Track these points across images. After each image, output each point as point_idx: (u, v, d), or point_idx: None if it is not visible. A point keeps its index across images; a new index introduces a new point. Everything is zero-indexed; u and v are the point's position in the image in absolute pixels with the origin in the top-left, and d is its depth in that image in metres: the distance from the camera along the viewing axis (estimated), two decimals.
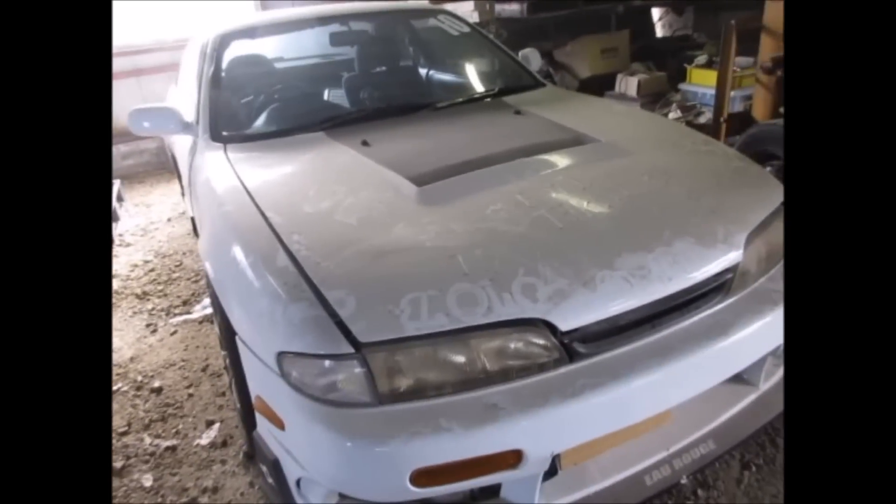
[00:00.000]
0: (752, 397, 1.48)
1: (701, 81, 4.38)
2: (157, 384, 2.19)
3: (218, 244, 1.53)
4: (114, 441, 1.90)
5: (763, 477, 1.52)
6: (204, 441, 1.86)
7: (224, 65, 2.34)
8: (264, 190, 1.60)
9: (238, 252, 1.39)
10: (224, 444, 1.84)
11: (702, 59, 4.46)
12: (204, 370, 2.25)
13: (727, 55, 3.23)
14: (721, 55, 3.30)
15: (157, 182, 5.03)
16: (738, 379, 1.47)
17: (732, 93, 3.48)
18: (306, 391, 1.15)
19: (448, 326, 1.12)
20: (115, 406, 2.08)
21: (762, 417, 1.47)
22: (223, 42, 2.39)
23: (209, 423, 1.94)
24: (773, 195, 1.54)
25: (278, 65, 2.83)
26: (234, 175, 1.72)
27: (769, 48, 3.04)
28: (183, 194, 3.56)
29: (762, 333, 1.33)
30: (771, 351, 1.40)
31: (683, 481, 1.35)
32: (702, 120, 4.05)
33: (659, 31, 6.42)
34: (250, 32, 2.56)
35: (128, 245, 3.65)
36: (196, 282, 3.06)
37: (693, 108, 4.28)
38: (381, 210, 1.45)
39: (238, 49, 2.45)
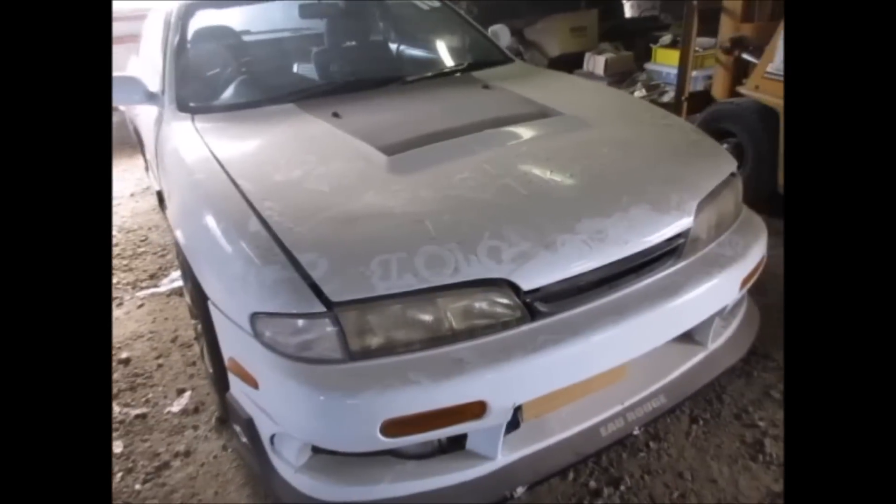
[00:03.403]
0: (700, 356, 1.59)
1: (665, 61, 4.49)
2: (124, 355, 2.19)
3: (189, 212, 1.55)
4: None
5: (709, 430, 1.63)
6: (175, 408, 1.89)
7: (190, 35, 2.31)
8: (235, 159, 1.61)
9: (210, 219, 1.41)
10: (196, 410, 1.87)
11: (666, 39, 4.56)
12: (174, 341, 2.25)
13: (688, 36, 3.33)
14: (683, 35, 3.40)
15: (119, 158, 4.90)
16: (688, 338, 1.57)
17: (694, 72, 3.59)
18: (280, 350, 1.20)
19: (416, 286, 1.18)
20: None
21: (710, 374, 1.58)
22: (188, 11, 2.35)
23: (180, 392, 1.96)
24: (724, 166, 1.64)
25: (246, 37, 2.80)
26: (203, 145, 1.73)
27: (728, 29, 3.14)
28: (147, 169, 3.50)
29: (711, 295, 1.43)
30: (718, 311, 1.51)
31: (636, 433, 1.44)
32: (665, 98, 4.16)
33: (628, 12, 6.51)
34: (216, 2, 2.53)
35: None
36: (163, 256, 3.03)
37: (657, 86, 4.39)
38: (352, 178, 1.48)
39: (204, 19, 2.42)
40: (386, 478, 1.29)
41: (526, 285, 1.23)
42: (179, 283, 2.61)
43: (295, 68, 2.58)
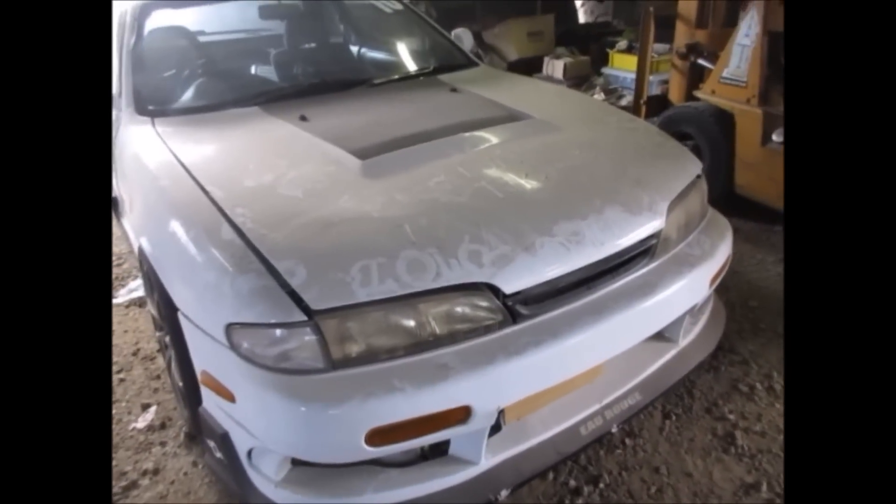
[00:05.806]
0: (672, 353, 1.63)
1: (622, 66, 4.61)
2: None
3: (154, 219, 1.49)
4: None
5: (682, 424, 1.68)
6: (140, 424, 1.81)
7: (146, 35, 2.22)
8: (201, 164, 1.56)
9: (178, 227, 1.36)
10: (163, 426, 1.79)
11: (622, 44, 4.68)
12: (135, 354, 2.16)
13: (646, 41, 3.42)
14: (640, 41, 3.49)
15: None
16: (660, 336, 1.61)
17: (650, 77, 3.70)
18: (258, 361, 1.16)
19: (399, 292, 1.16)
20: None
21: (681, 370, 1.63)
22: (144, 11, 2.27)
23: (145, 407, 1.88)
24: (690, 168, 1.69)
25: (202, 38, 2.71)
26: (166, 149, 1.66)
27: (683, 35, 3.25)
28: None
29: (682, 293, 1.47)
30: (689, 309, 1.55)
31: (614, 430, 1.46)
32: (623, 102, 4.27)
33: (581, 17, 6.65)
34: (173, 2, 2.45)
35: None
36: (119, 265, 2.90)
37: (615, 91, 4.49)
38: (326, 183, 1.45)
39: (161, 20, 2.33)
40: (369, 487, 1.27)
41: (507, 288, 1.24)
42: (139, 293, 2.51)
43: (255, 70, 2.52)
